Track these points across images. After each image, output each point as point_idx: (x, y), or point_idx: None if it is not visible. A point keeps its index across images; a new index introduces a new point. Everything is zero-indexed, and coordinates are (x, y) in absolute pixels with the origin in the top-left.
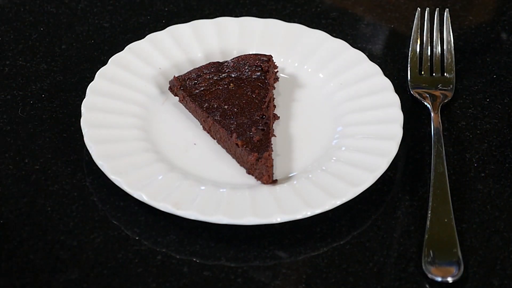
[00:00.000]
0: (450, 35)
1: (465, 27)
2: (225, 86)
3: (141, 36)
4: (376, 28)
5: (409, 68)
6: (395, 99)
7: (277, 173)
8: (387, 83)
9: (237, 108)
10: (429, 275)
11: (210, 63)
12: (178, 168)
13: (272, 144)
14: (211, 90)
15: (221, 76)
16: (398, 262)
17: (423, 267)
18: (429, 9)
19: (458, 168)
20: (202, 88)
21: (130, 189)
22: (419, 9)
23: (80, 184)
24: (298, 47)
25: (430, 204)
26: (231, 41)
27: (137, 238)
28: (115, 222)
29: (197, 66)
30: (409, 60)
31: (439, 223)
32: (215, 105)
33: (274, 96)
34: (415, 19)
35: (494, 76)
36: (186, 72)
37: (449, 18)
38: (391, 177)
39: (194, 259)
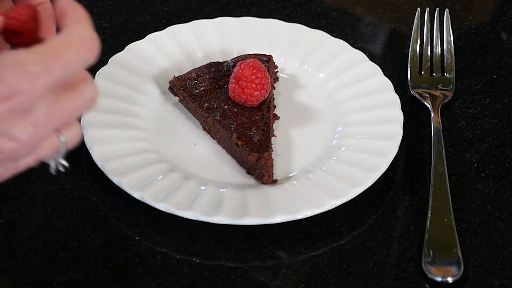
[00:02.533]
0: (450, 35)
1: (465, 27)
2: (225, 86)
3: (141, 36)
4: (376, 28)
5: (409, 68)
6: (395, 99)
7: (277, 173)
8: (387, 83)
9: (237, 108)
10: (429, 275)
11: (210, 63)
12: (178, 168)
13: (272, 144)
14: (211, 90)
15: (221, 76)
16: (398, 262)
17: (423, 267)
18: (429, 9)
19: (458, 168)
20: (202, 88)
21: (130, 189)
22: (419, 9)
23: (80, 184)
24: (298, 47)
25: (430, 204)
26: (231, 41)
27: (137, 238)
28: (115, 222)
29: (197, 66)
30: (409, 60)
31: (439, 223)
32: (215, 105)
33: (274, 96)
34: (415, 19)
35: (494, 76)
36: (186, 72)
37: (449, 18)
38: (391, 177)
39: (194, 259)
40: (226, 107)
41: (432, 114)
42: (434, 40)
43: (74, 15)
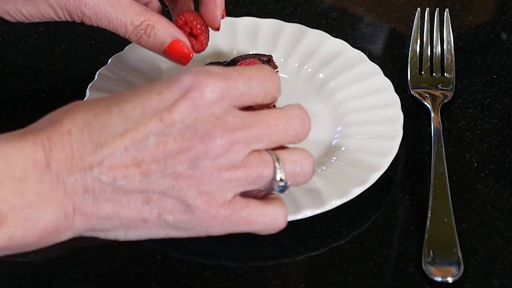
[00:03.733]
0: (450, 35)
1: (465, 27)
2: None
3: None
4: (376, 28)
5: (409, 68)
6: (395, 99)
7: None
8: (387, 83)
9: None
10: (429, 275)
11: (210, 63)
12: None
13: None
14: None
15: None
16: (398, 262)
17: (423, 267)
18: (429, 9)
19: (458, 168)
20: None
21: None
22: (419, 9)
23: None
24: (298, 47)
25: (430, 204)
26: (231, 41)
27: None
28: None
29: (197, 66)
30: (409, 60)
31: (439, 223)
32: None
33: None
34: (415, 19)
35: (494, 76)
36: None
37: (449, 18)
38: (391, 177)
39: (194, 259)
40: None
41: (432, 114)
42: (434, 40)
43: None
